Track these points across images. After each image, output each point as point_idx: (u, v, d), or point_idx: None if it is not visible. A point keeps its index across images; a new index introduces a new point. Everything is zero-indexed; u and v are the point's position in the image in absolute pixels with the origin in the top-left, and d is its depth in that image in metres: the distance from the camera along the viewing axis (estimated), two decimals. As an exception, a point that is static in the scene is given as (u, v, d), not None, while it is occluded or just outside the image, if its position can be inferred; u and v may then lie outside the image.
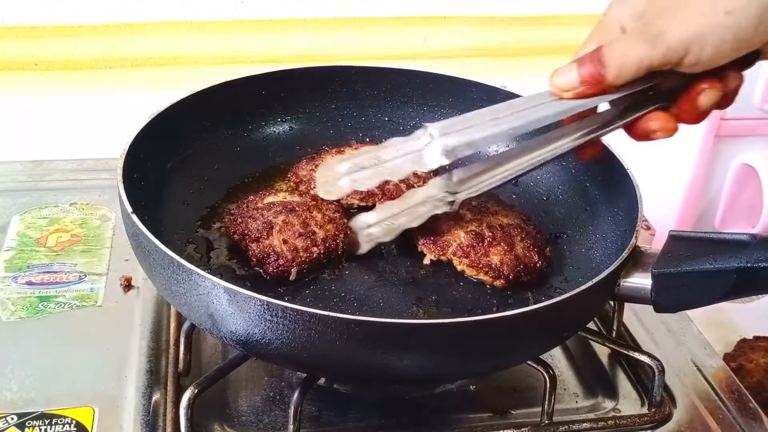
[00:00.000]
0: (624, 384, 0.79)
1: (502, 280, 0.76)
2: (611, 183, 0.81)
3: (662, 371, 0.74)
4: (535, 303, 0.72)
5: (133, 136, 0.76)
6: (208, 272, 0.61)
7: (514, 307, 0.64)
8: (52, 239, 0.88)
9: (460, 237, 0.78)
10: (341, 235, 0.76)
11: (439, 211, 0.76)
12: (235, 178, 0.87)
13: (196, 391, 0.65)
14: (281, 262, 0.73)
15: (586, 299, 0.66)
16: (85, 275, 0.84)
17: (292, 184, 0.84)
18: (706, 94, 0.68)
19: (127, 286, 0.83)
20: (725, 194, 1.21)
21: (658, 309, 0.70)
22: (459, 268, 0.77)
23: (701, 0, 0.63)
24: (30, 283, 0.82)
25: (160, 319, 0.79)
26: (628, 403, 0.76)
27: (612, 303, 0.82)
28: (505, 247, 0.77)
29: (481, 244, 0.77)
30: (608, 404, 0.76)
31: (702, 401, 0.76)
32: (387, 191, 0.85)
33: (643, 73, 0.65)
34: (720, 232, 0.70)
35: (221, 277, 0.61)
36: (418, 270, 0.78)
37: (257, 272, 0.74)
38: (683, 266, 0.67)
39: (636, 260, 0.69)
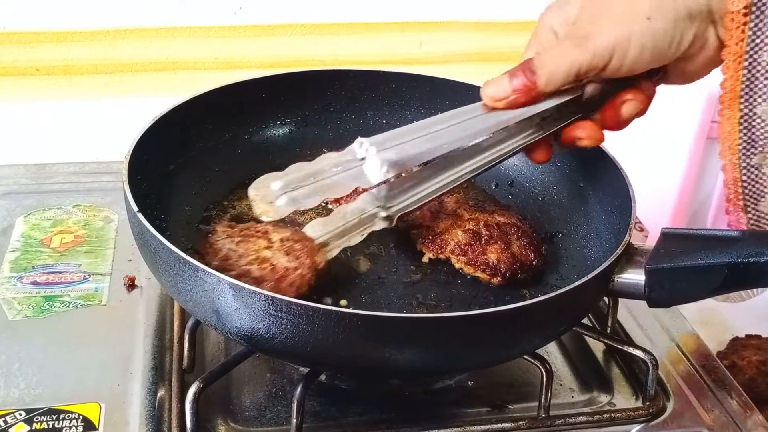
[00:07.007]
0: (619, 379, 0.80)
1: (499, 278, 0.77)
2: (605, 183, 0.83)
3: (656, 365, 0.75)
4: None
5: (136, 139, 0.77)
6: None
7: (511, 303, 0.65)
8: (56, 240, 0.89)
9: (458, 236, 0.79)
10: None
11: (377, 228, 0.75)
12: (236, 179, 0.88)
13: (202, 385, 0.66)
14: None
15: (582, 294, 0.68)
16: (90, 275, 0.85)
17: None
18: (629, 104, 0.71)
19: (131, 285, 0.84)
20: (717, 195, 1.23)
21: (652, 304, 0.71)
22: (457, 266, 0.79)
23: (627, 6, 0.66)
24: (35, 283, 0.83)
25: (164, 317, 0.80)
26: (623, 397, 0.77)
27: (607, 300, 0.84)
28: (502, 246, 0.78)
29: (478, 243, 0.78)
30: (603, 398, 0.77)
31: (695, 395, 0.77)
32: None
33: (572, 79, 0.68)
34: (711, 229, 0.71)
35: (225, 274, 0.62)
36: (417, 268, 0.80)
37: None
38: (676, 262, 0.68)
39: (630, 257, 0.71)
